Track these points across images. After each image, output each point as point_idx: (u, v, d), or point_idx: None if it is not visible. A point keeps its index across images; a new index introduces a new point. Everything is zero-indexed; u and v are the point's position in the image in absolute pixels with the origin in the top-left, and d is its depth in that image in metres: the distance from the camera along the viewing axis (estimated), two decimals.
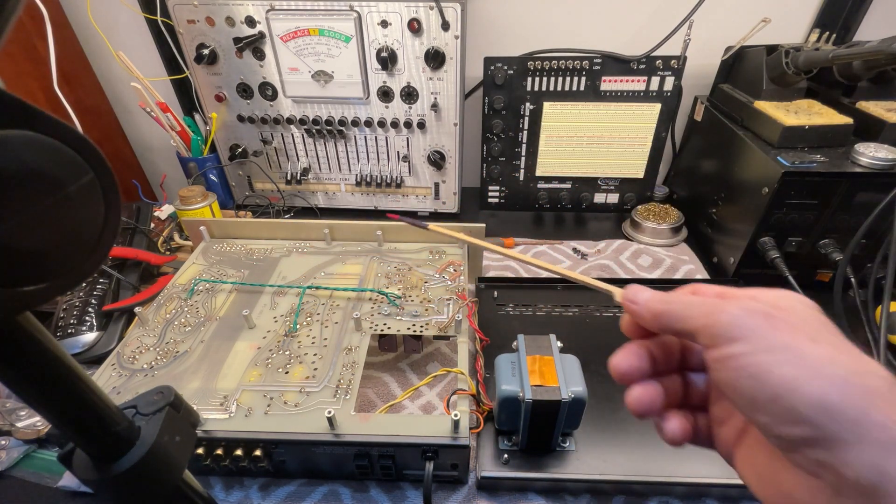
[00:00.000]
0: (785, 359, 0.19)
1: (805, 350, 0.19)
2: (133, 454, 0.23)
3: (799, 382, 0.18)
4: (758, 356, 0.19)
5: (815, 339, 0.20)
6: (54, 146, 0.15)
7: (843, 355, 0.19)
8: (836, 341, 0.20)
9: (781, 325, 0.20)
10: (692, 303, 0.23)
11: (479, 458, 0.44)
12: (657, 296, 0.25)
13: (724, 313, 0.21)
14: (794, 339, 0.19)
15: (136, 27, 0.81)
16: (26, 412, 0.48)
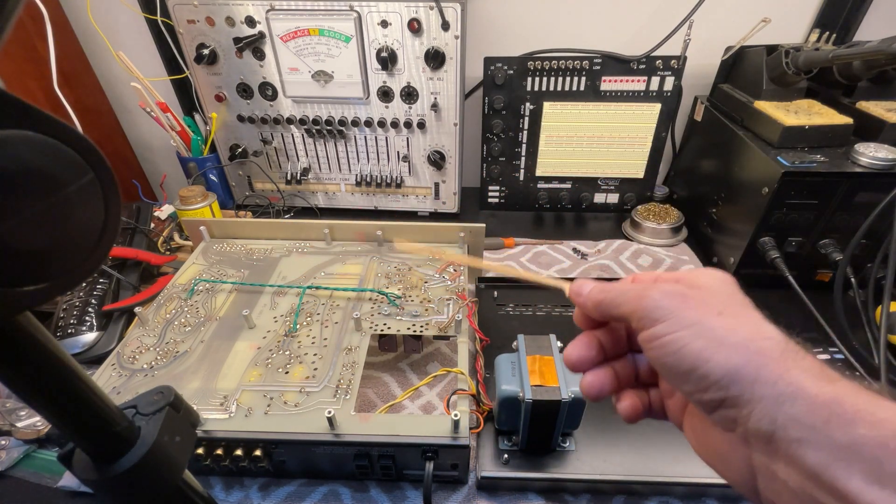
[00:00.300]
0: (696, 333, 0.22)
1: (712, 323, 0.22)
2: (133, 454, 0.23)
3: (708, 353, 0.21)
4: (675, 334, 0.22)
5: (721, 311, 0.22)
6: (54, 146, 0.15)
7: (743, 324, 0.22)
8: (740, 311, 0.23)
9: (693, 303, 0.23)
10: (625, 290, 0.25)
11: (479, 458, 0.44)
12: (598, 286, 0.27)
13: (647, 298, 0.24)
14: (704, 315, 0.22)
15: (136, 27, 0.81)
16: (26, 412, 0.48)
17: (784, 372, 0.20)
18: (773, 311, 0.60)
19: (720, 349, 0.21)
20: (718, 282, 0.24)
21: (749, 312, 0.23)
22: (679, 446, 0.45)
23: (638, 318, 0.24)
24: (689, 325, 0.22)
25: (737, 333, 0.22)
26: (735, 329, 0.22)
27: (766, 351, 0.21)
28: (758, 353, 0.21)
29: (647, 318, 0.23)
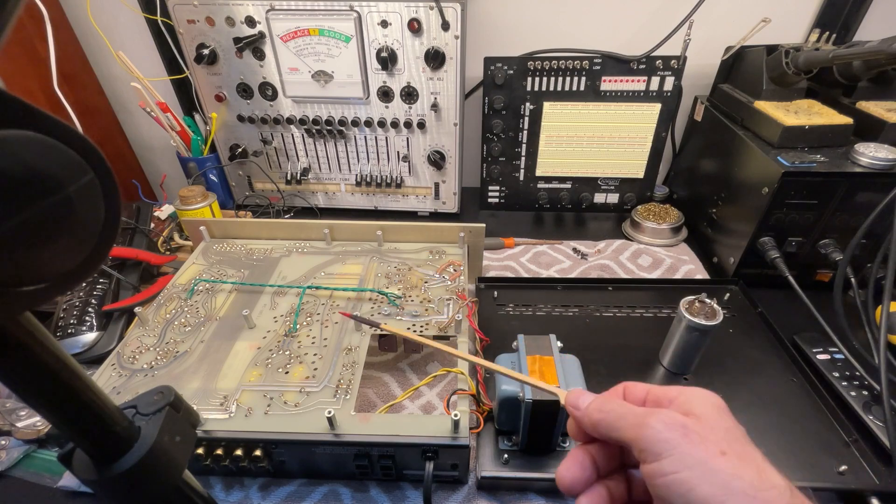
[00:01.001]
0: (702, 476, 0.22)
1: (716, 466, 0.22)
2: (133, 454, 0.23)
3: (716, 501, 0.21)
4: (680, 474, 0.22)
5: (725, 451, 0.22)
6: (54, 146, 0.15)
7: (747, 468, 0.22)
8: (742, 451, 0.23)
9: (696, 438, 0.23)
10: (624, 414, 0.25)
11: (479, 458, 0.44)
12: (595, 403, 0.27)
13: (649, 428, 0.23)
14: (707, 455, 0.22)
15: (136, 27, 0.81)
16: (26, 412, 0.48)
17: None
18: (774, 311, 0.60)
19: (728, 498, 0.21)
20: (714, 410, 0.24)
21: (750, 452, 0.23)
22: None
23: (640, 450, 0.23)
24: (693, 465, 0.22)
25: (742, 479, 0.21)
26: (740, 475, 0.21)
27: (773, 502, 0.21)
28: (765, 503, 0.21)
29: (649, 451, 0.23)
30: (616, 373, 0.52)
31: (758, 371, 0.53)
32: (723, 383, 0.51)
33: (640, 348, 0.55)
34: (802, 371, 0.52)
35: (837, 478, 0.42)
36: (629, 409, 0.25)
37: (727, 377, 0.52)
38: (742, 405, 0.49)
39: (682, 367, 0.52)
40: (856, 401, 0.49)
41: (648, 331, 0.57)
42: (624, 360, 0.54)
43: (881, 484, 0.42)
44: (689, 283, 0.67)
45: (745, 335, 0.57)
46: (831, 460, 0.44)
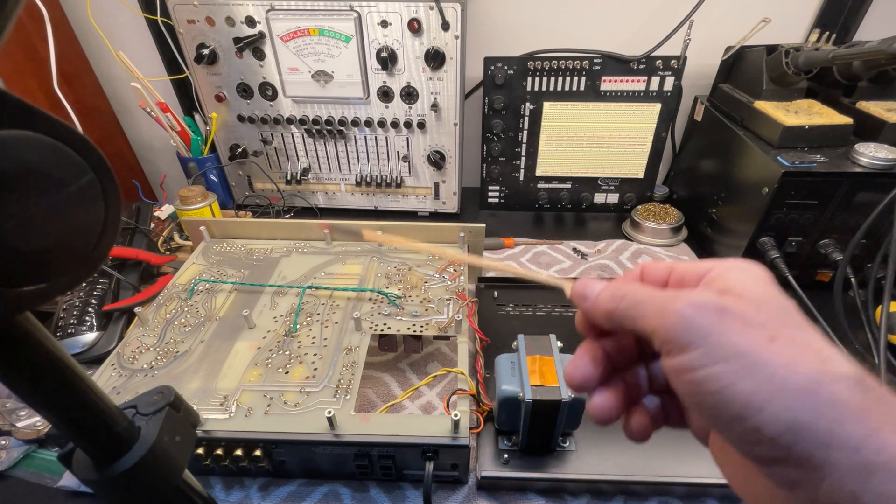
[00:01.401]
0: (743, 369, 0.17)
1: (764, 356, 0.17)
2: (133, 454, 0.23)
3: (761, 400, 0.17)
4: (714, 368, 0.17)
5: (774, 335, 0.17)
6: (54, 146, 0.15)
7: (805, 357, 0.17)
8: (797, 335, 0.18)
9: (735, 323, 0.18)
10: (642, 299, 0.20)
11: (479, 458, 0.44)
12: (607, 291, 0.22)
13: (674, 314, 0.18)
14: (751, 342, 0.17)
15: (136, 27, 0.81)
16: (26, 412, 0.48)
17: (871, 432, 0.16)
18: None
19: (778, 395, 0.16)
20: (760, 284, 0.19)
21: (809, 335, 0.18)
22: (680, 446, 0.45)
23: (663, 341, 0.19)
24: (732, 356, 0.17)
25: (798, 372, 0.17)
26: (796, 364, 0.17)
27: (843, 400, 0.16)
28: (831, 403, 0.16)
29: (674, 341, 0.18)
30: None
31: None
32: None
33: None
34: None
35: None
36: (649, 293, 0.20)
37: None
38: None
39: None
40: None
41: None
42: None
43: None
44: None
45: None
46: None
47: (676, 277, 0.22)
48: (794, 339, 0.17)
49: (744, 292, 0.19)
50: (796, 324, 0.18)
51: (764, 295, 0.19)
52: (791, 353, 0.17)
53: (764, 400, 0.16)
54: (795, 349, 0.17)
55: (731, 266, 0.20)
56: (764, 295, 0.19)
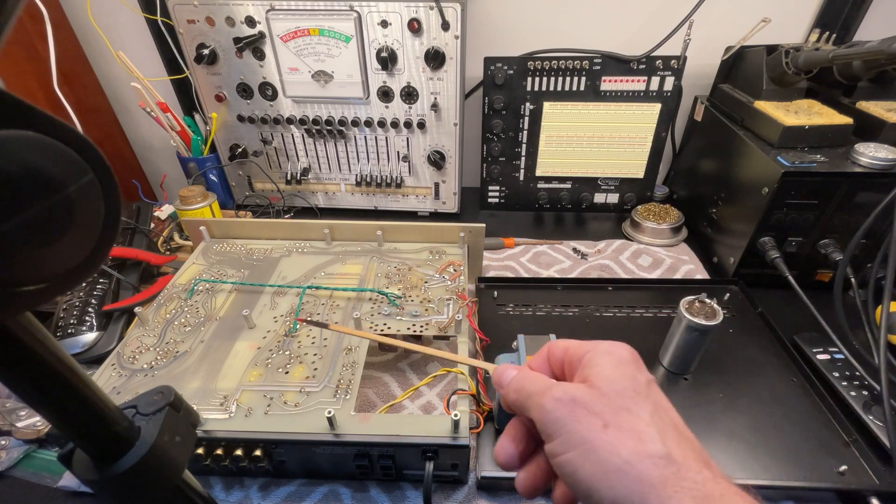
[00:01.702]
0: (584, 455, 0.21)
1: (597, 442, 0.21)
2: (133, 454, 0.23)
3: (595, 482, 0.21)
4: (566, 455, 0.22)
5: (607, 422, 0.22)
6: (54, 146, 0.15)
7: (627, 439, 0.21)
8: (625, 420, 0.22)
9: (581, 413, 0.22)
10: (531, 392, 0.24)
11: (479, 458, 0.44)
12: (514, 382, 0.26)
13: (542, 409, 0.23)
14: (590, 431, 0.22)
15: (136, 27, 0.81)
16: (26, 412, 0.48)
17: (665, 501, 0.20)
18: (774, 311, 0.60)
19: (605, 477, 0.21)
20: (615, 370, 0.24)
21: (637, 418, 0.22)
22: None
23: (540, 430, 0.23)
24: (577, 444, 0.22)
25: (619, 454, 0.21)
26: (618, 448, 0.21)
27: (646, 477, 0.20)
28: (638, 480, 0.20)
29: (545, 431, 0.23)
30: None
31: (758, 371, 0.53)
32: (723, 383, 0.51)
33: (640, 348, 0.54)
34: (802, 371, 0.52)
35: (837, 478, 0.42)
36: (536, 386, 0.25)
37: (727, 377, 0.52)
38: (742, 405, 0.49)
39: (682, 367, 0.52)
40: (856, 401, 0.49)
41: (648, 331, 0.57)
42: None
43: (881, 484, 0.42)
44: (689, 283, 0.67)
45: (745, 335, 0.57)
46: (831, 460, 0.44)
47: (568, 360, 0.26)
48: (622, 424, 0.22)
49: (597, 380, 0.23)
50: (629, 407, 0.22)
51: (611, 381, 0.23)
52: (616, 438, 0.21)
53: (597, 482, 0.21)
54: (620, 434, 0.21)
55: (601, 350, 0.25)
56: (611, 381, 0.23)
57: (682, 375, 0.53)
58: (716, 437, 0.46)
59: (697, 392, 0.51)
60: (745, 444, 0.45)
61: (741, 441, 0.46)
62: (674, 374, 0.53)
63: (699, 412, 0.48)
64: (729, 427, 0.47)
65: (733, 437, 0.46)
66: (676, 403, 0.24)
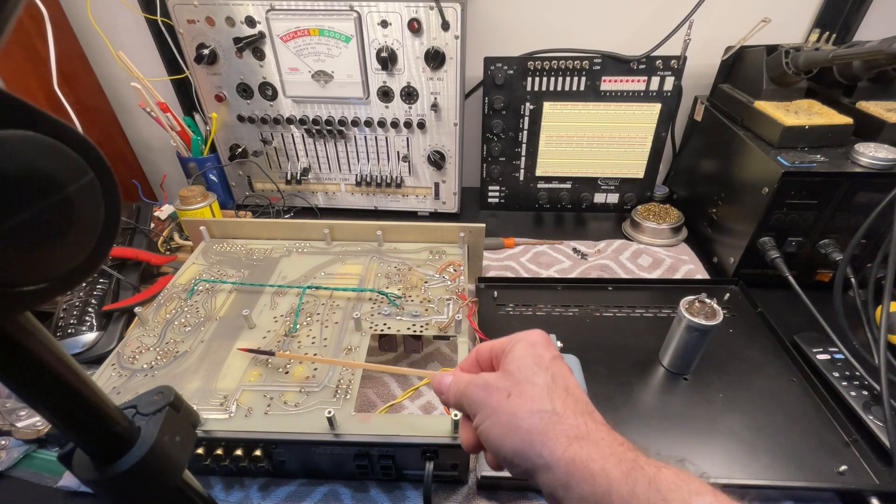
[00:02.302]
0: (495, 421, 0.27)
1: (503, 409, 0.27)
2: (133, 454, 0.23)
3: (501, 440, 0.27)
4: (483, 424, 0.28)
5: (510, 392, 0.27)
6: (54, 146, 0.15)
7: (523, 403, 0.27)
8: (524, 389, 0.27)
9: (492, 390, 0.28)
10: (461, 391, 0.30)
11: (479, 458, 0.44)
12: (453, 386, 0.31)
13: (465, 396, 0.29)
14: (498, 402, 0.27)
15: (136, 27, 0.81)
16: (26, 412, 0.48)
17: (546, 442, 0.25)
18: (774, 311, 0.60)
19: (509, 435, 0.26)
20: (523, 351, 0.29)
21: (534, 386, 0.27)
22: (677, 445, 0.45)
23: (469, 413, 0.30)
24: (490, 413, 0.27)
25: (516, 415, 0.26)
26: (516, 411, 0.27)
27: (535, 428, 0.26)
28: (528, 431, 0.26)
29: (471, 412, 0.29)
30: (616, 373, 0.52)
31: (758, 371, 0.53)
32: (723, 383, 0.51)
33: (640, 348, 0.55)
34: (802, 371, 0.52)
35: (837, 478, 0.42)
36: (465, 382, 0.30)
37: (727, 377, 0.52)
38: (742, 405, 0.49)
39: (682, 367, 0.52)
40: (856, 401, 0.49)
41: (648, 331, 0.57)
42: (624, 360, 0.54)
43: (881, 484, 0.42)
44: (689, 283, 0.67)
45: (745, 335, 0.57)
46: (831, 460, 0.44)
47: (494, 356, 0.31)
48: (522, 392, 0.27)
49: (507, 364, 0.29)
50: (530, 379, 0.28)
51: (518, 361, 0.29)
52: (516, 404, 0.27)
53: (503, 439, 0.27)
54: (520, 399, 0.27)
55: (516, 339, 0.30)
56: (518, 361, 0.29)
57: (682, 375, 0.53)
58: (716, 437, 0.46)
59: (697, 392, 0.51)
60: (745, 444, 0.45)
61: (741, 441, 0.46)
62: (674, 374, 0.53)
63: (699, 412, 0.48)
64: (729, 427, 0.47)
65: (733, 437, 0.46)
66: (676, 403, 0.25)
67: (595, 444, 0.25)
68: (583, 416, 0.26)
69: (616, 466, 0.24)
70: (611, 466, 0.24)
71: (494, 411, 0.27)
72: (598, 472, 0.24)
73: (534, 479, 0.26)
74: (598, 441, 0.25)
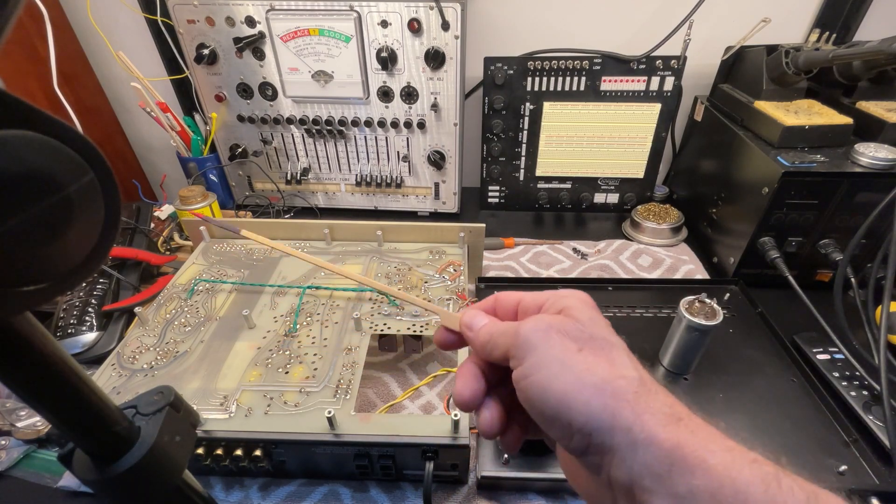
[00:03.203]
0: (557, 373, 0.21)
1: (572, 361, 0.22)
2: (133, 454, 0.23)
3: (568, 398, 0.21)
4: (539, 373, 0.22)
5: (582, 347, 0.22)
6: (54, 146, 0.15)
7: (602, 362, 0.22)
8: (600, 346, 0.22)
9: (556, 337, 0.22)
10: (503, 330, 0.25)
11: (479, 458, 0.44)
12: (488, 327, 0.26)
13: (516, 335, 0.23)
14: (565, 352, 0.22)
15: (136, 27, 0.81)
16: (26, 412, 0.48)
17: (638, 416, 0.20)
18: (774, 311, 0.60)
19: (579, 392, 0.21)
20: (585, 307, 0.24)
21: (607, 346, 0.23)
22: None
23: (512, 357, 0.23)
24: (550, 363, 0.22)
25: (595, 373, 0.21)
26: (593, 368, 0.21)
27: (621, 393, 0.21)
28: (613, 395, 0.20)
29: (516, 356, 0.23)
30: None
31: (758, 371, 0.53)
32: (723, 383, 0.51)
33: (640, 348, 0.55)
34: (802, 371, 0.52)
35: (837, 478, 0.42)
36: (506, 325, 0.25)
37: (727, 377, 0.52)
38: (742, 405, 0.49)
39: (682, 367, 0.52)
40: (856, 401, 0.49)
41: (648, 331, 0.57)
42: None
43: (881, 484, 0.42)
44: (689, 283, 0.67)
45: (745, 335, 0.57)
46: (831, 460, 0.44)
47: (523, 308, 0.27)
48: (595, 348, 0.22)
49: (571, 311, 0.24)
50: (604, 336, 0.23)
51: (583, 314, 0.24)
52: (592, 360, 0.22)
53: (570, 397, 0.21)
54: (595, 357, 0.22)
55: (564, 294, 0.25)
56: (583, 314, 0.24)
57: (682, 375, 0.53)
58: None
59: (697, 392, 0.51)
60: (745, 444, 0.45)
61: (741, 441, 0.45)
62: (674, 374, 0.53)
63: (699, 412, 0.48)
64: (729, 427, 0.46)
65: (733, 437, 0.46)
66: None
67: (707, 433, 0.21)
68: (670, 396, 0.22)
69: (748, 467, 0.19)
70: (739, 465, 0.19)
71: (560, 362, 0.22)
72: (718, 468, 0.19)
73: (603, 456, 0.21)
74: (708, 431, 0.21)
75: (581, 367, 0.21)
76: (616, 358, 0.22)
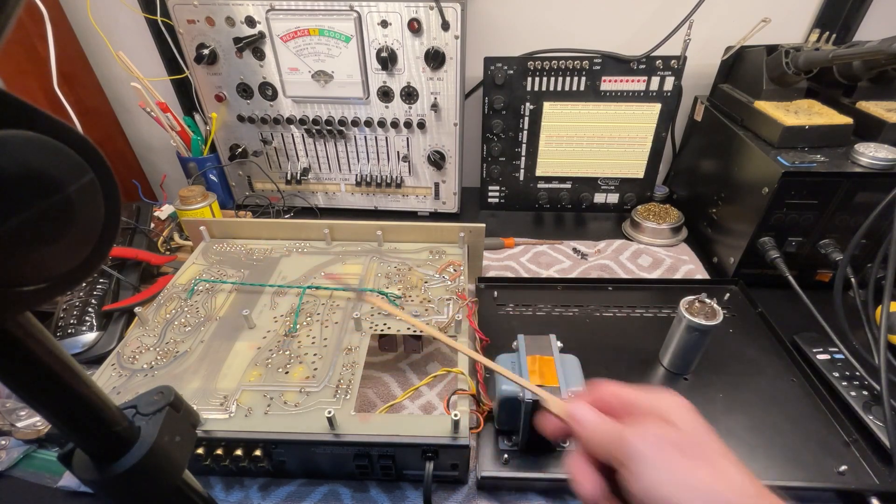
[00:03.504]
0: (667, 478, 0.24)
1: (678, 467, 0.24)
2: (133, 454, 0.23)
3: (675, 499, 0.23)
4: (650, 473, 0.24)
5: (686, 452, 0.24)
6: (54, 146, 0.15)
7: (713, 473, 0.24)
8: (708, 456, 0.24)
9: (670, 450, 0.24)
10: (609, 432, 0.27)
11: (479, 458, 0.44)
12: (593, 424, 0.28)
13: (623, 441, 0.26)
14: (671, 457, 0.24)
15: (136, 27, 0.81)
16: (26, 412, 0.48)
17: None
18: (774, 311, 0.60)
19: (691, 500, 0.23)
20: (689, 416, 0.26)
21: (716, 456, 0.24)
22: None
23: (616, 461, 0.26)
24: (661, 466, 0.24)
25: (703, 481, 0.23)
26: (703, 477, 0.23)
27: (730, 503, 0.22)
28: None
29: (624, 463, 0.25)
30: (616, 373, 0.52)
31: (758, 371, 0.53)
32: (723, 383, 0.51)
33: (640, 348, 0.55)
34: (802, 371, 0.52)
35: (837, 478, 0.42)
36: (613, 427, 0.27)
37: (727, 377, 0.52)
38: (742, 405, 0.49)
39: (682, 367, 0.52)
40: (856, 401, 0.49)
41: (648, 331, 0.57)
42: (624, 360, 0.54)
43: (881, 484, 0.42)
44: (689, 283, 0.67)
45: (745, 335, 0.57)
46: (831, 460, 0.44)
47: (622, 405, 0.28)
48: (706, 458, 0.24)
49: (678, 422, 0.26)
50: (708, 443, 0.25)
51: (690, 425, 0.26)
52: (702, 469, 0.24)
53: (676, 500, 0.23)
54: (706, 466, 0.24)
55: (668, 398, 0.27)
56: (690, 425, 0.26)
57: (682, 375, 0.53)
58: None
59: (697, 392, 0.51)
60: (745, 444, 0.45)
61: (741, 441, 0.46)
62: (674, 374, 0.53)
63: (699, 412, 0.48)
64: (729, 427, 0.47)
65: (733, 437, 0.46)
66: None
67: None
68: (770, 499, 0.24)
69: None
70: None
71: (668, 468, 0.24)
72: None
73: None
74: None
75: (693, 476, 0.23)
76: (727, 469, 0.24)
